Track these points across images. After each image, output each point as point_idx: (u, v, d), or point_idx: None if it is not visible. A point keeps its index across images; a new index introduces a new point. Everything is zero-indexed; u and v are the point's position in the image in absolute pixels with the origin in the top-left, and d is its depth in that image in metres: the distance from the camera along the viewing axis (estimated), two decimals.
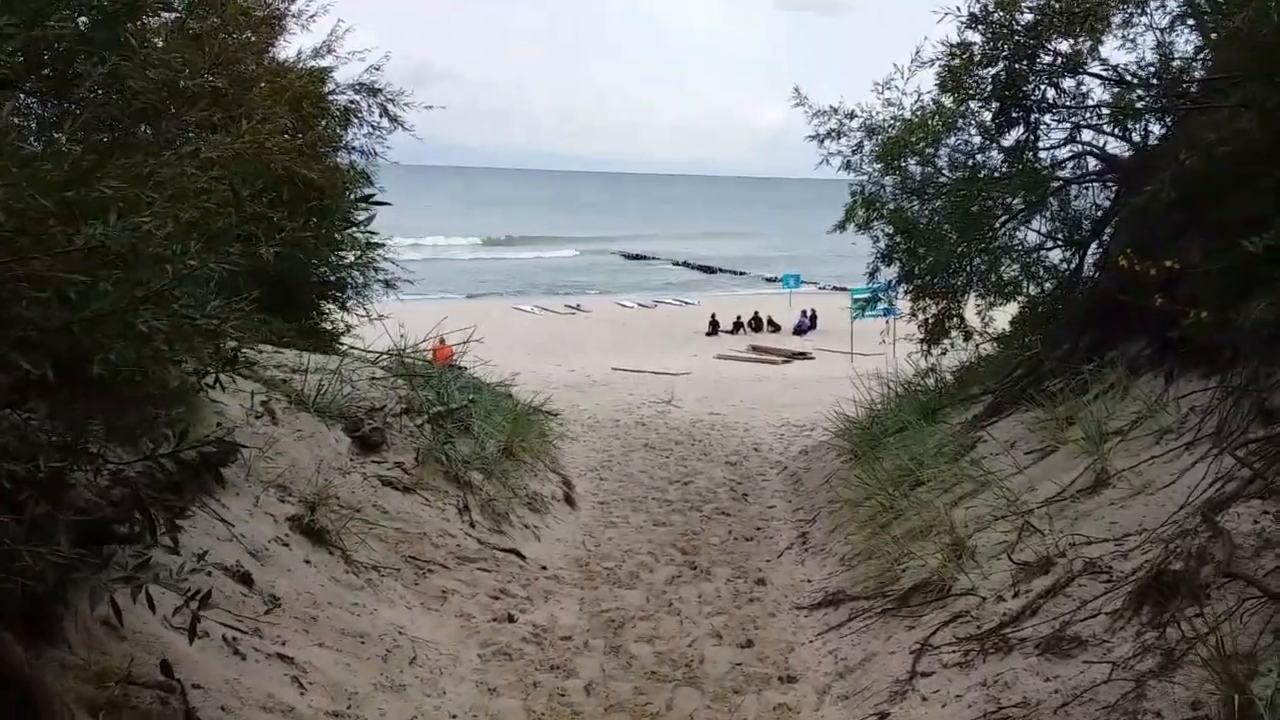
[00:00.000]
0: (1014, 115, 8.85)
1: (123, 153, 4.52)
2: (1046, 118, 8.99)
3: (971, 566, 5.50)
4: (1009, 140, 9.60)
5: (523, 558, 7.39)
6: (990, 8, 8.10)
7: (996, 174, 10.00)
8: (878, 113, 11.29)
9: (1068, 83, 8.70)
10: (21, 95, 4.22)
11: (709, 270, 71.02)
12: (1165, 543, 4.55)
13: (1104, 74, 8.59)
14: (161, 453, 3.22)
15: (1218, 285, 6.10)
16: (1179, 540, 4.36)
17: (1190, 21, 9.17)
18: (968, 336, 12.25)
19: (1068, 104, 8.81)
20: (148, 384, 3.13)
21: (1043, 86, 8.59)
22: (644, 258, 78.76)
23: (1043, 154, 9.67)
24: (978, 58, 8.40)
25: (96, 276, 2.81)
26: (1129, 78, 8.67)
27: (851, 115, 11.41)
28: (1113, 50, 9.47)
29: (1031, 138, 9.22)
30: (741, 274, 67.70)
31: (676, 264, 75.16)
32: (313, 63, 12.98)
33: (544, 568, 7.41)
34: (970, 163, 10.40)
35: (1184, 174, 6.57)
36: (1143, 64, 9.08)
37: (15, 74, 3.52)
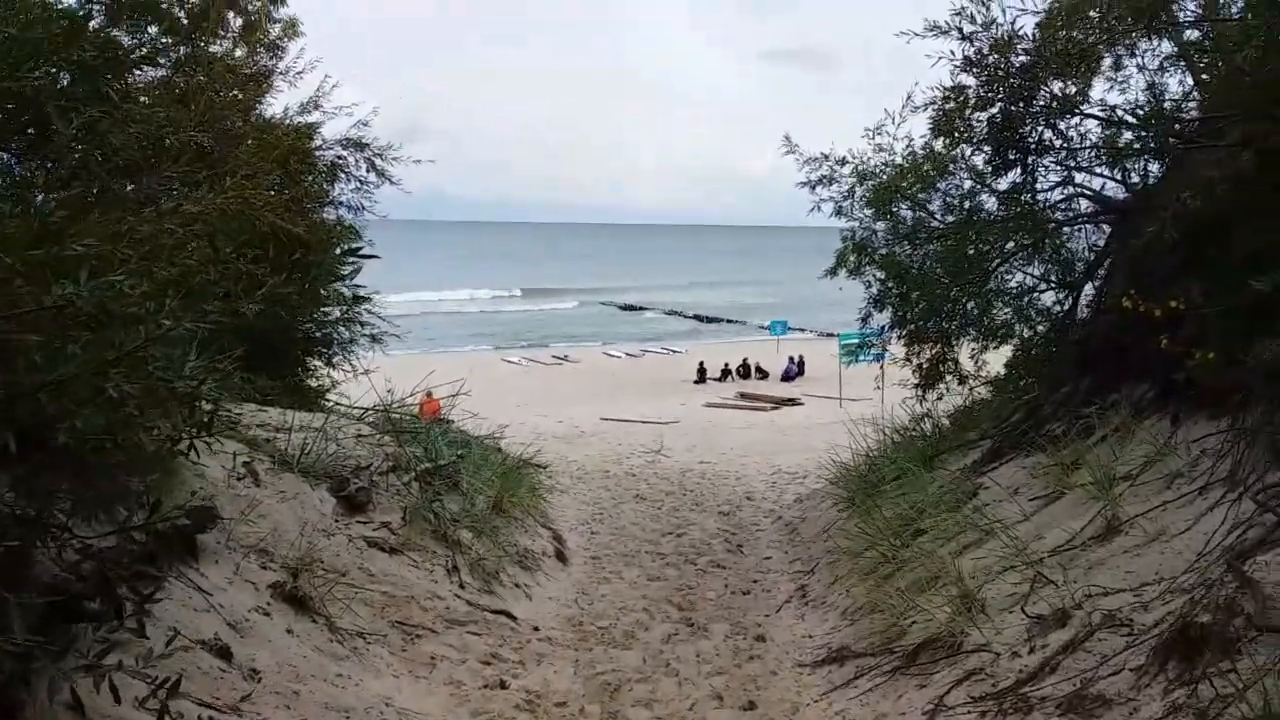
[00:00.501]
0: (1011, 157, 8.78)
1: (100, 209, 4.37)
2: (1045, 159, 8.91)
3: (983, 620, 5.29)
4: (1004, 183, 9.53)
5: (514, 619, 7.14)
6: (985, 51, 8.04)
7: (992, 217, 9.92)
8: (869, 158, 11.27)
9: (1064, 124, 8.64)
10: None
11: (705, 320, 71.18)
12: (1188, 593, 4.36)
13: (1100, 114, 8.54)
14: (132, 526, 3.01)
15: (1223, 326, 5.97)
16: (1203, 590, 4.18)
17: (1181, 63, 9.21)
18: (962, 380, 12.12)
19: (1065, 145, 8.73)
20: (118, 452, 2.93)
21: (1039, 128, 8.52)
22: (636, 308, 79.00)
23: (1039, 196, 9.59)
24: (972, 101, 8.33)
25: (65, 338, 2.64)
26: (1126, 118, 8.63)
27: (843, 161, 11.39)
28: (1103, 93, 9.51)
29: (1030, 179, 9.14)
30: (741, 323, 67.79)
31: (669, 313, 75.35)
32: (300, 118, 12.94)
33: (536, 629, 7.16)
34: (966, 205, 10.34)
35: (1185, 213, 6.47)
36: (1134, 105, 9.07)
37: None
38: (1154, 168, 9.52)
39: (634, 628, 7.47)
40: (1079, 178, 10.06)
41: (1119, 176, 9.87)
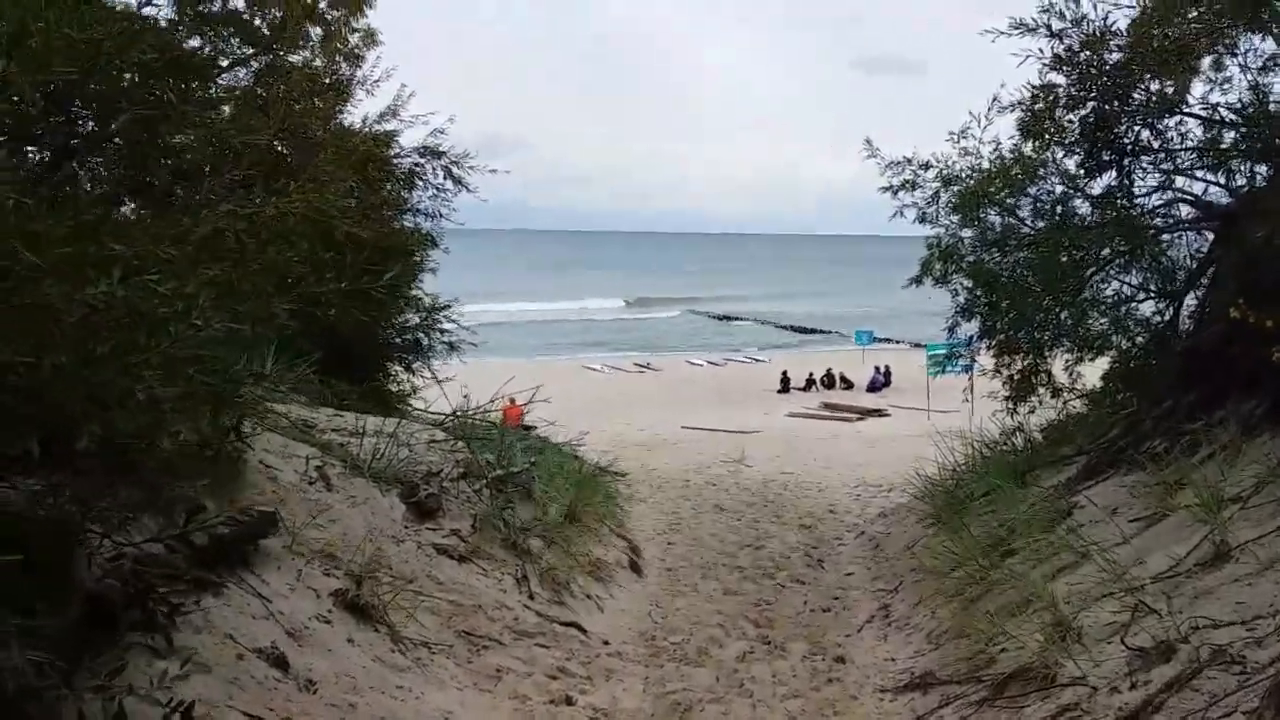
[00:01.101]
0: (1105, 159, 8.31)
1: (154, 210, 4.31)
2: (1142, 161, 8.41)
3: (1078, 650, 4.92)
4: (1098, 186, 9.05)
5: (584, 632, 6.95)
6: (1076, 48, 7.62)
7: (1086, 222, 9.43)
8: (954, 162, 10.86)
9: (1163, 124, 8.15)
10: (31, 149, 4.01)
11: (790, 329, 70.70)
12: None
13: (1201, 114, 8.04)
14: (165, 535, 2.89)
15: None
16: None
17: None
18: (1055, 393, 11.61)
19: (1164, 147, 8.24)
20: (152, 456, 2.81)
21: (1136, 128, 8.04)
22: (723, 318, 78.86)
23: (1136, 200, 9.08)
24: (1063, 100, 7.91)
25: (97, 339, 2.53)
26: (1230, 118, 8.11)
27: (926, 166, 10.99)
28: (1203, 94, 8.98)
29: (1126, 182, 8.64)
30: (826, 332, 67.14)
31: (755, 322, 75.01)
32: (378, 126, 13.04)
33: (606, 642, 6.97)
34: (1059, 210, 9.85)
35: None
36: (1239, 105, 8.54)
37: (20, 123, 3.29)
38: (1260, 170, 8.99)
39: (708, 644, 7.23)
40: (1179, 182, 9.56)
41: (1222, 181, 9.35)
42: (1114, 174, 8.56)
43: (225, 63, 11.18)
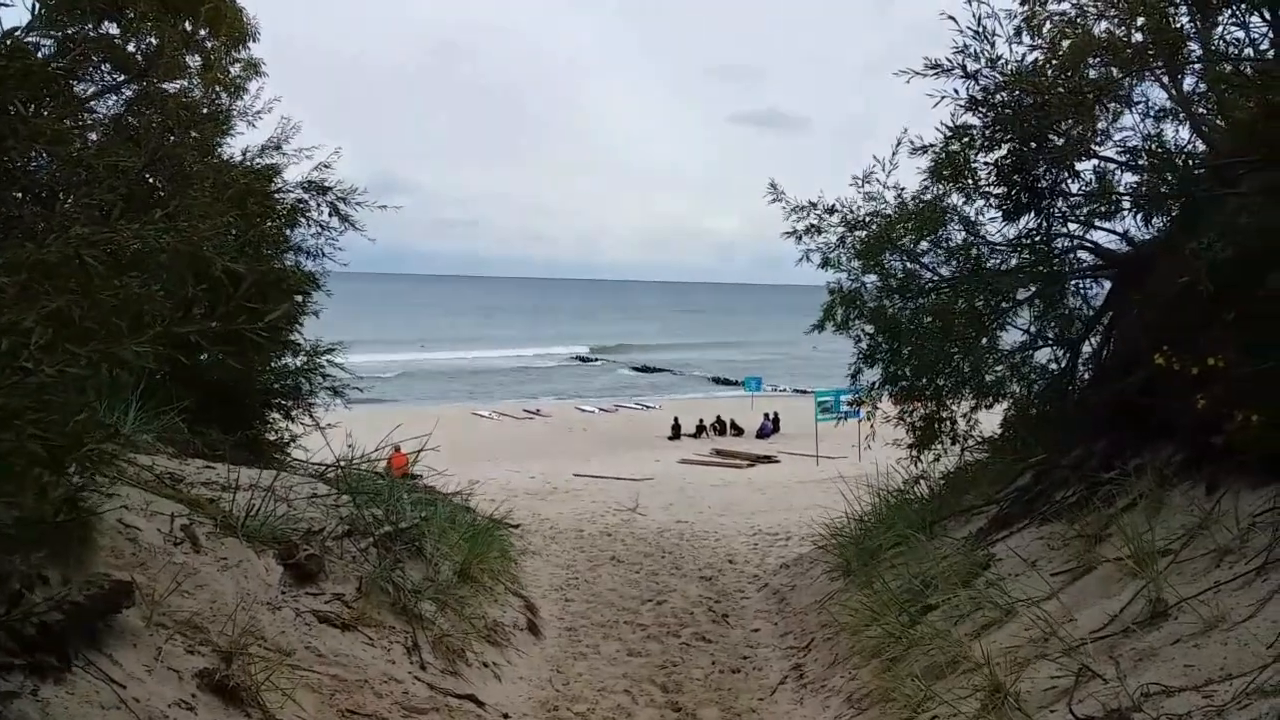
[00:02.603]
0: (1023, 201, 8.24)
1: None
2: (1059, 204, 8.37)
3: (1020, 718, 4.61)
4: (1013, 230, 8.99)
5: (480, 705, 6.37)
6: (992, 89, 7.55)
7: (1001, 266, 9.38)
8: (859, 206, 10.77)
9: (1081, 165, 8.12)
10: None
11: (677, 374, 71.01)
12: (1269, 695, 3.74)
13: (1117, 158, 8.05)
14: None
15: (1267, 385, 5.43)
16: None
17: (1180, 113, 8.85)
18: (955, 440, 11.55)
19: (1085, 189, 8.21)
20: None
21: (1054, 171, 8.00)
22: (610, 363, 78.81)
23: (1037, 243, 9.04)
24: (979, 142, 7.82)
25: None
26: (1141, 162, 8.15)
27: (831, 210, 10.88)
28: (1101, 141, 9.04)
29: (1045, 225, 8.59)
30: (714, 379, 67.58)
31: (640, 369, 75.11)
32: (260, 160, 12.40)
33: (505, 716, 6.40)
34: (973, 254, 9.78)
35: (1216, 264, 5.95)
36: (1138, 150, 8.63)
37: None
38: (1156, 221, 9.09)
39: (614, 713, 6.74)
40: (1073, 228, 9.60)
41: (1118, 230, 9.44)
42: (1031, 216, 8.49)
43: (93, 89, 10.46)
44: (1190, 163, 7.93)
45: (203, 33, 12.21)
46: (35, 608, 2.45)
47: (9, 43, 3.93)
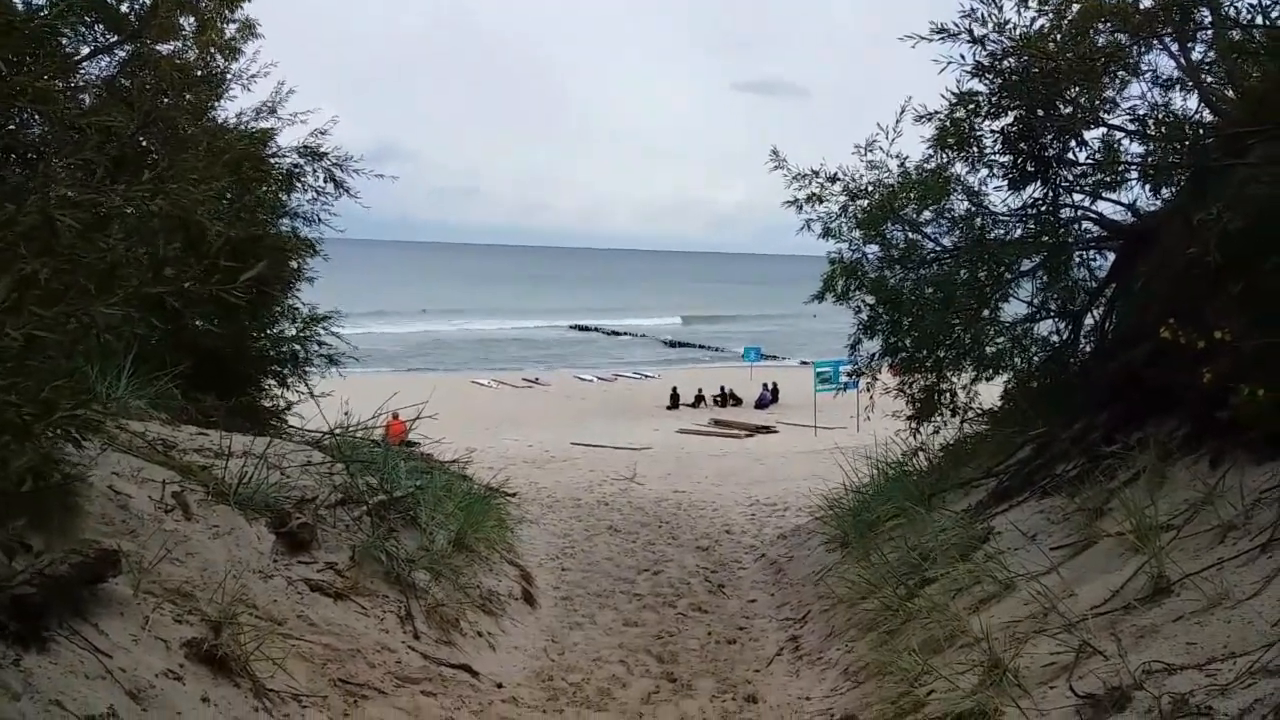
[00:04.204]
0: (1030, 170, 8.09)
1: None
2: (1064, 172, 8.21)
3: (1019, 694, 4.54)
4: (1018, 200, 8.84)
5: (475, 674, 6.33)
6: (999, 54, 7.39)
7: (1007, 236, 9.24)
8: (861, 175, 10.63)
9: (1088, 134, 7.97)
10: None
11: (677, 345, 70.90)
12: (1273, 674, 3.67)
13: (1130, 127, 7.89)
14: None
15: (1276, 358, 5.34)
16: None
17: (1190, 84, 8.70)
18: (955, 413, 11.48)
19: (1091, 159, 8.05)
20: None
21: (1062, 139, 7.84)
22: (607, 331, 78.65)
23: (1043, 213, 8.88)
24: (984, 109, 7.66)
25: None
26: (1149, 131, 8.00)
27: (834, 178, 10.72)
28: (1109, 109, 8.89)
29: (1051, 194, 8.44)
30: (714, 349, 67.47)
31: (639, 337, 74.99)
32: (255, 124, 12.24)
33: (500, 685, 6.35)
34: (978, 224, 9.64)
35: (1224, 235, 5.84)
36: (1146, 119, 8.48)
37: None
38: (1163, 192, 8.96)
39: (609, 683, 6.69)
40: (1079, 198, 9.47)
41: (1124, 201, 9.31)
42: (1037, 185, 8.34)
43: (86, 50, 10.29)
44: (1199, 132, 7.79)
45: None
46: (15, 576, 2.37)
47: None
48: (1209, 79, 8.53)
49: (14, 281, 2.36)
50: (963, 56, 7.56)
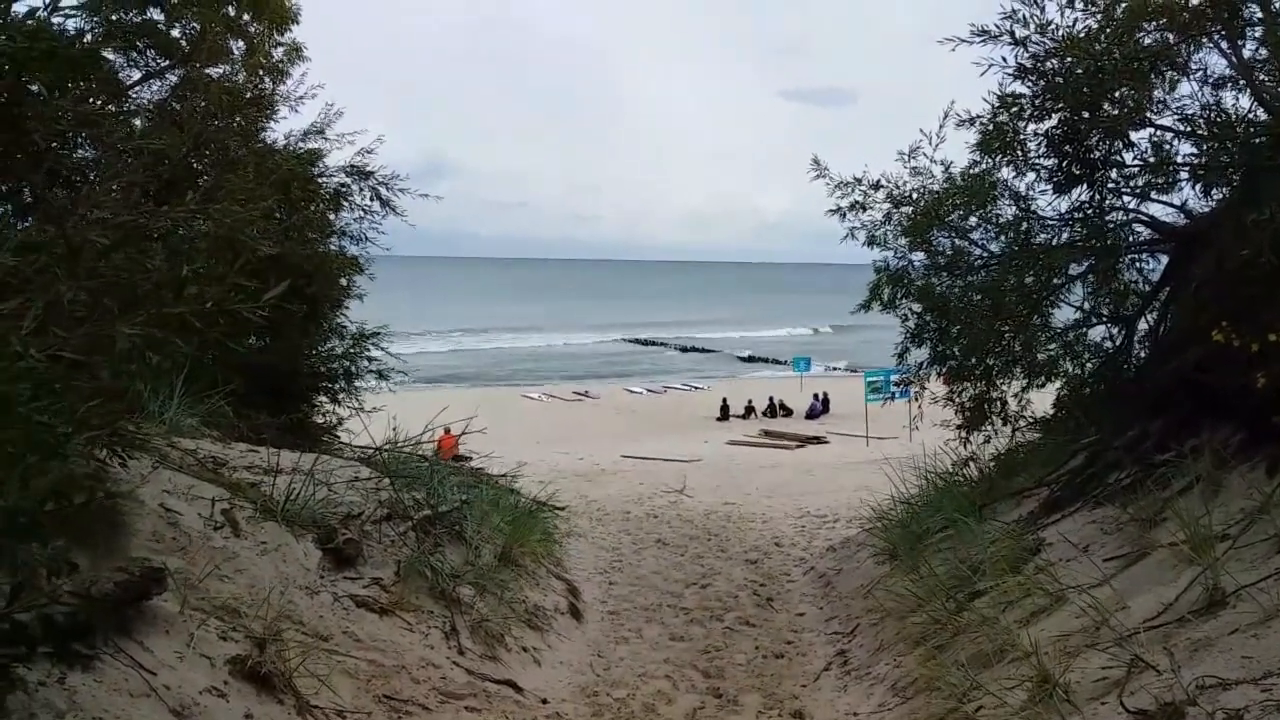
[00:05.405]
0: (1075, 173, 7.95)
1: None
2: (1111, 175, 8.06)
3: (1069, 710, 4.44)
4: (1065, 203, 8.69)
5: (519, 690, 6.33)
6: (1042, 56, 7.27)
7: (1053, 241, 9.09)
8: (904, 182, 10.52)
9: (1136, 135, 7.81)
10: None
11: (727, 355, 70.75)
12: None
13: (1179, 127, 7.72)
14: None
15: None
16: None
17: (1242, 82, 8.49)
18: (1005, 421, 11.29)
19: (1140, 160, 7.89)
20: None
21: (1108, 141, 7.69)
22: (656, 343, 78.81)
23: (1090, 216, 8.71)
24: (1028, 111, 7.55)
25: None
26: (1200, 132, 7.82)
27: (876, 185, 10.63)
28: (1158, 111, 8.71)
29: (1097, 197, 8.28)
30: (764, 360, 67.11)
31: (687, 349, 74.95)
32: (302, 145, 12.44)
33: (544, 701, 6.35)
34: (1023, 228, 9.49)
35: (1279, 236, 5.69)
36: (1196, 119, 8.30)
37: None
38: (1215, 193, 8.76)
39: (655, 699, 6.65)
40: (1128, 201, 9.28)
41: (1175, 203, 9.11)
42: (1084, 189, 8.19)
43: (138, 75, 10.53)
44: (1251, 131, 7.60)
45: (246, 17, 12.25)
46: (58, 596, 2.42)
47: (30, 24, 3.88)
48: (1262, 76, 8.34)
49: (45, 304, 2.40)
50: (1004, 59, 7.47)
